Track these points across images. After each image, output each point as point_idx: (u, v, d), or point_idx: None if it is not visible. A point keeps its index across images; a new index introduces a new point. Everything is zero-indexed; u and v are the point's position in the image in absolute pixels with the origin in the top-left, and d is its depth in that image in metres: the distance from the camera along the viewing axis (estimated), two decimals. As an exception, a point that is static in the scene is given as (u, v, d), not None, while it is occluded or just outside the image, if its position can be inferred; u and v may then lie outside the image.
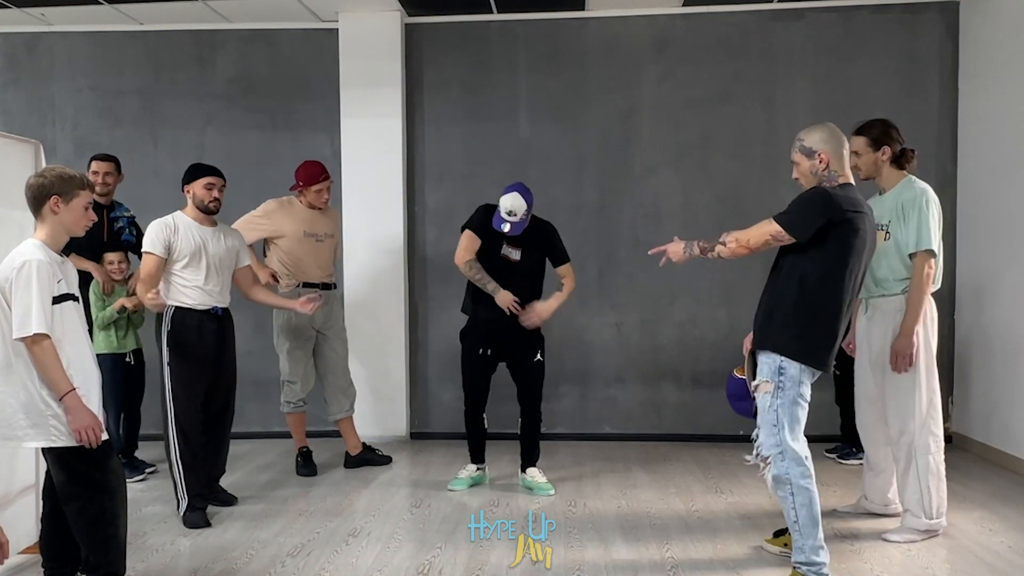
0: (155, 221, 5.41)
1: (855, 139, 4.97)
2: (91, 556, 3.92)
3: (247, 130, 7.90)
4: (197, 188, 5.47)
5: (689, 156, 7.63)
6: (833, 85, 7.43)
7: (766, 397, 4.13)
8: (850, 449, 6.58)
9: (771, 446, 4.10)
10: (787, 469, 4.06)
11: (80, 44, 7.98)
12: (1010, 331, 6.49)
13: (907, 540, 4.80)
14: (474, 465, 6.15)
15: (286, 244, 6.37)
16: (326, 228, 6.52)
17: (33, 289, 3.72)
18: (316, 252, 6.44)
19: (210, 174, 5.54)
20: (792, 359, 4.09)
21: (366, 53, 7.61)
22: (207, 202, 5.49)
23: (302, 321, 6.35)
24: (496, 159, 7.68)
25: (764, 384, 4.14)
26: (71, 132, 7.93)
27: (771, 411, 4.11)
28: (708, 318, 7.62)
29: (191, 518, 5.26)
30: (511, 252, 5.87)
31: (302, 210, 6.44)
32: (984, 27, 6.96)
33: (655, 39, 7.66)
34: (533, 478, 5.99)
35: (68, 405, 3.76)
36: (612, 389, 7.72)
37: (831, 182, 4.16)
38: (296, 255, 6.37)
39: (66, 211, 3.91)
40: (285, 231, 6.36)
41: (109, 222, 6.39)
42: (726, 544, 4.83)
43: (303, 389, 6.48)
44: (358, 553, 4.74)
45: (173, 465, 5.34)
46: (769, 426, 4.12)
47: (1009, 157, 6.49)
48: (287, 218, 6.39)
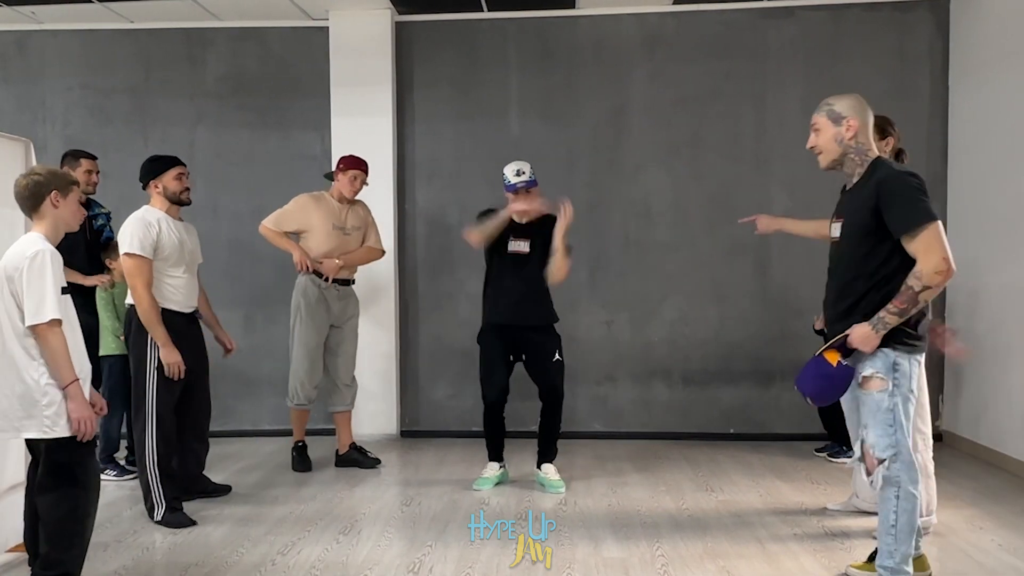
0: (134, 219, 5.29)
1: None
2: (52, 552, 3.88)
3: (237, 128, 7.90)
4: (168, 181, 5.39)
5: (679, 154, 7.64)
6: (823, 83, 7.42)
7: (881, 395, 3.86)
8: (840, 448, 6.59)
9: (886, 447, 3.84)
10: (899, 472, 3.84)
11: (71, 42, 7.96)
12: (1000, 330, 6.50)
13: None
14: (496, 464, 6.13)
15: (316, 236, 6.43)
16: (354, 222, 6.57)
17: (48, 277, 3.78)
18: (344, 245, 6.49)
19: (178, 164, 5.47)
20: (908, 353, 3.87)
21: (356, 51, 7.61)
22: (180, 193, 5.43)
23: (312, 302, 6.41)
24: (486, 157, 7.67)
25: (878, 381, 3.86)
26: (62, 130, 7.91)
27: (887, 411, 3.85)
28: (699, 316, 7.63)
29: (174, 519, 5.19)
30: (520, 245, 5.88)
31: (332, 204, 6.50)
32: (974, 25, 6.98)
33: (645, 37, 7.66)
34: (547, 475, 5.99)
35: (71, 393, 3.79)
36: (603, 387, 7.72)
37: (860, 155, 3.97)
38: (325, 247, 6.41)
39: (64, 205, 3.97)
40: (315, 223, 6.42)
41: (88, 220, 6.41)
42: (716, 542, 4.83)
43: (310, 385, 6.49)
44: (348, 551, 4.74)
45: (148, 470, 5.24)
46: (885, 426, 3.85)
47: (999, 155, 6.50)
48: (316, 211, 6.44)
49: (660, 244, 7.58)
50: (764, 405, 7.57)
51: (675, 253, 7.62)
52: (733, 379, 7.60)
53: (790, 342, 7.38)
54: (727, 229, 7.54)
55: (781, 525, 5.12)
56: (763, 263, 7.55)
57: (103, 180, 6.73)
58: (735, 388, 7.60)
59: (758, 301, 7.56)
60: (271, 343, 7.70)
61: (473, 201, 7.64)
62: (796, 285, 7.28)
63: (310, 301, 6.41)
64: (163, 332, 5.20)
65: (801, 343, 7.21)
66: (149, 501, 5.27)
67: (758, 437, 7.43)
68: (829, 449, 6.76)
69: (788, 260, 7.44)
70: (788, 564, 4.47)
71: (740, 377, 7.59)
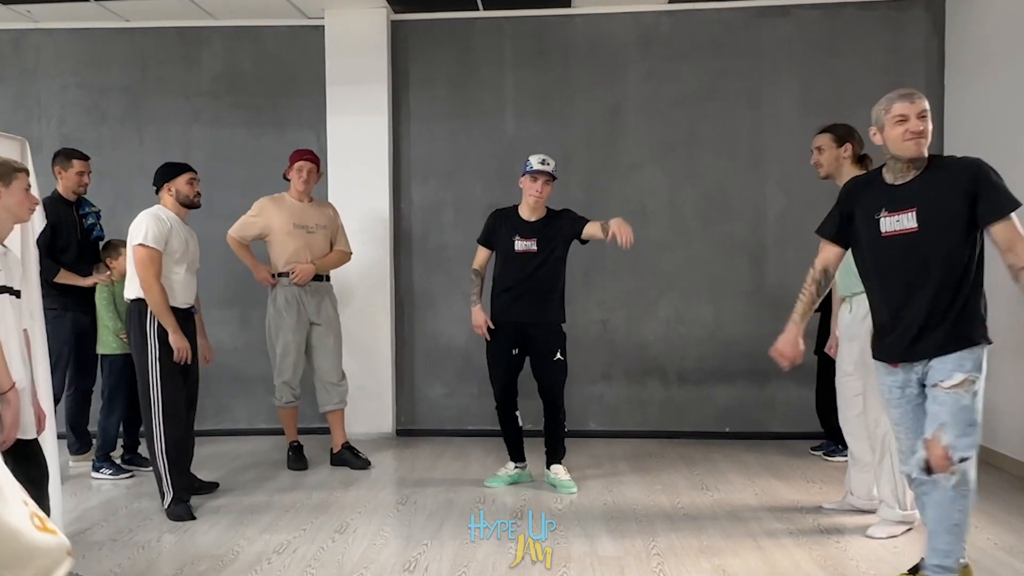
0: (147, 215, 5.43)
1: (819, 136, 5.12)
2: None
3: (233, 127, 7.89)
4: (180, 185, 5.59)
5: (675, 153, 7.64)
6: (819, 82, 7.46)
7: (965, 394, 3.73)
8: (836, 447, 6.59)
9: (968, 446, 3.71)
10: (970, 469, 3.76)
11: (66, 41, 7.95)
12: (994, 327, 6.45)
13: (888, 535, 4.81)
14: (513, 463, 6.11)
15: (278, 238, 6.45)
16: (317, 220, 6.57)
17: None
18: (309, 244, 6.49)
19: (190, 169, 5.69)
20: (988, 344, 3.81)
21: (352, 50, 7.60)
22: (192, 197, 5.63)
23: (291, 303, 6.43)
24: (482, 156, 7.69)
25: (969, 381, 3.74)
26: (57, 129, 7.90)
27: (970, 409, 3.73)
28: (694, 315, 7.63)
29: (176, 511, 5.27)
30: (528, 244, 5.88)
31: (291, 203, 6.54)
32: (970, 23, 6.99)
33: (641, 36, 7.66)
34: (557, 475, 5.97)
35: (9, 399, 3.66)
36: (598, 386, 7.73)
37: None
38: (289, 248, 6.43)
39: (7, 195, 3.85)
40: (275, 225, 6.45)
41: (79, 218, 6.42)
42: (712, 540, 4.83)
43: (292, 382, 6.50)
44: (344, 550, 4.73)
45: (158, 459, 5.33)
46: (966, 425, 3.74)
47: (995, 153, 6.43)
48: (276, 212, 6.48)
49: (655, 243, 7.58)
50: (760, 404, 7.57)
51: (670, 252, 7.62)
52: (729, 378, 7.61)
53: (786, 340, 7.39)
54: (722, 227, 7.56)
55: (776, 523, 5.12)
56: (759, 262, 7.56)
57: (99, 178, 6.74)
58: (731, 387, 7.61)
59: (754, 300, 7.56)
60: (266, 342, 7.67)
61: (469, 199, 7.68)
62: (792, 284, 7.22)
63: (280, 305, 6.45)
64: (173, 320, 5.35)
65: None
66: (160, 489, 5.38)
67: (753, 436, 7.44)
68: (825, 448, 6.77)
69: (784, 259, 7.45)
70: (783, 562, 4.47)
71: (736, 376, 7.59)
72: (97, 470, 6.29)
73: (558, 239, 5.88)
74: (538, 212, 5.94)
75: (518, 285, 5.88)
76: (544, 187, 5.86)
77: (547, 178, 5.85)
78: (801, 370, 7.11)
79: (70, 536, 4.91)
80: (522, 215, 5.94)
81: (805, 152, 6.66)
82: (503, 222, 5.99)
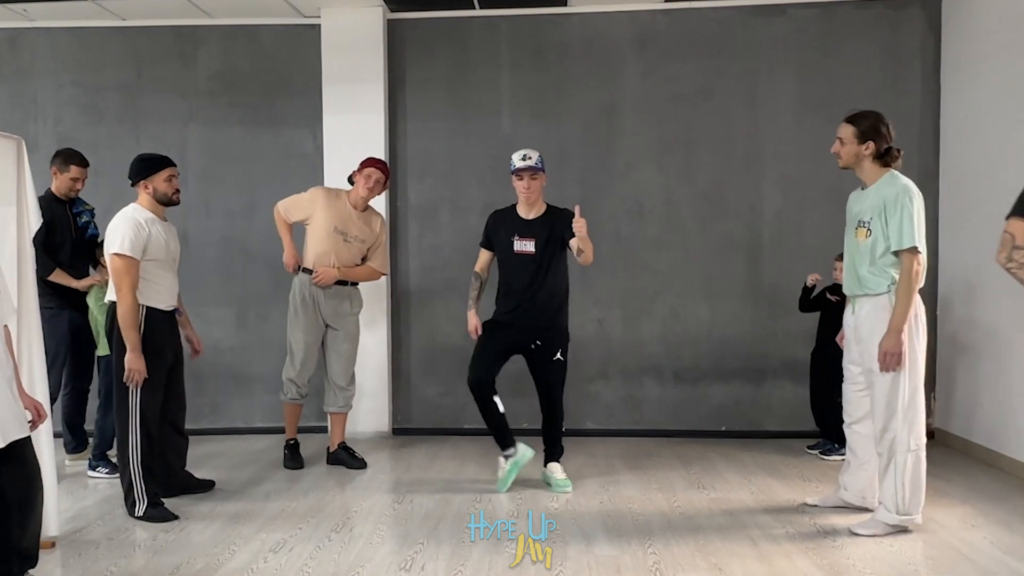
0: (122, 219, 5.25)
1: (843, 126, 4.91)
2: (32, 547, 3.88)
3: (229, 126, 7.88)
4: (159, 183, 5.36)
5: (671, 152, 7.64)
6: (815, 81, 7.46)
7: None
8: (832, 445, 6.59)
9: None
10: None
11: (62, 40, 7.93)
12: (992, 327, 6.51)
13: (872, 533, 4.81)
14: (503, 457, 5.94)
15: (315, 233, 6.39)
16: (358, 232, 6.47)
17: None
18: (339, 251, 6.40)
19: (169, 165, 5.45)
20: None
21: (348, 49, 7.59)
22: (171, 195, 5.43)
23: (308, 302, 6.39)
24: (478, 155, 7.68)
25: None
26: (53, 128, 7.89)
27: None
28: (690, 314, 7.63)
29: (156, 514, 5.21)
30: (526, 245, 5.84)
31: (343, 205, 6.44)
32: (966, 22, 6.98)
33: (637, 35, 7.66)
34: (552, 474, 5.95)
35: None
36: (594, 385, 7.72)
37: None
38: (321, 248, 6.37)
39: None
40: (317, 219, 6.37)
41: (73, 217, 6.41)
42: (708, 539, 4.83)
43: (298, 380, 6.47)
44: (340, 549, 4.73)
45: (132, 467, 5.23)
46: None
47: (991, 152, 6.51)
48: (325, 208, 6.38)
49: (652, 241, 7.59)
50: (756, 402, 7.58)
51: (667, 250, 7.62)
52: (725, 376, 7.61)
53: (782, 339, 7.41)
54: (719, 226, 7.56)
55: (773, 523, 5.12)
56: (755, 260, 7.55)
57: (95, 177, 6.74)
58: (727, 385, 7.61)
59: (750, 298, 7.56)
60: (263, 341, 7.69)
61: (465, 198, 7.68)
62: (788, 283, 7.27)
63: (298, 301, 6.41)
64: (136, 337, 5.14)
65: (793, 340, 7.25)
66: (131, 498, 5.28)
67: (750, 435, 7.44)
68: (821, 447, 6.76)
69: (780, 258, 7.46)
70: (780, 561, 4.47)
71: (732, 374, 7.59)
72: (93, 469, 6.28)
73: (556, 239, 5.83)
74: (536, 209, 5.91)
75: (518, 288, 5.86)
76: (531, 182, 5.81)
77: (532, 172, 5.80)
78: (796, 369, 7.18)
79: (66, 535, 4.94)
80: (520, 213, 5.93)
81: (802, 151, 6.67)
82: (502, 222, 5.97)
